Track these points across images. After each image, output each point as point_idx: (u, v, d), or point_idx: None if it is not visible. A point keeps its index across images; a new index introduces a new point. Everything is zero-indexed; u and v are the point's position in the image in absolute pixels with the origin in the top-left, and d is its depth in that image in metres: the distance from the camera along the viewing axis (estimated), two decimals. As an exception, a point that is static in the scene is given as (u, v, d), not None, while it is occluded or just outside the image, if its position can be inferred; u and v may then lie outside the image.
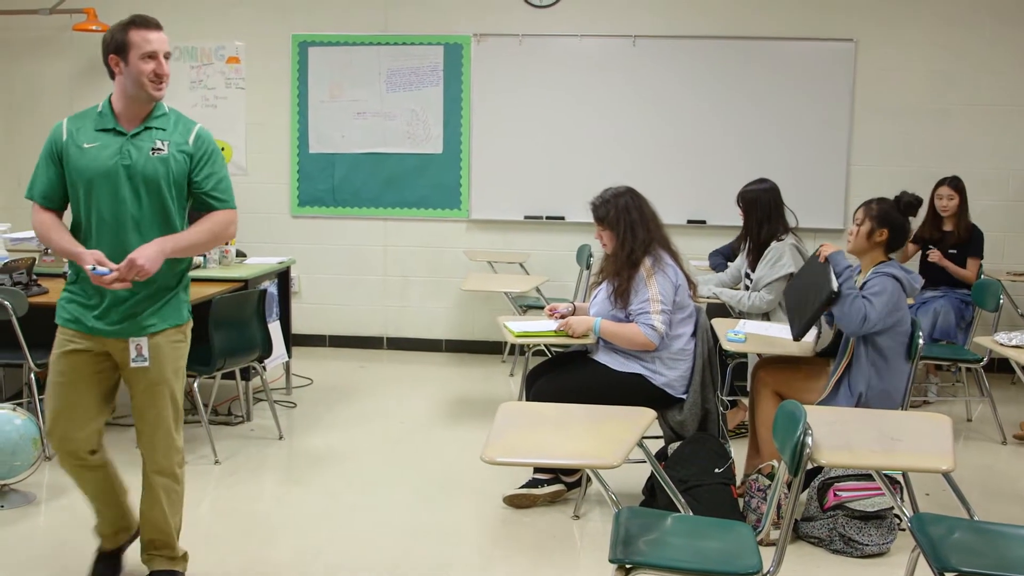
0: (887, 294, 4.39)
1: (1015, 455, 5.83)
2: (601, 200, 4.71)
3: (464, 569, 4.14)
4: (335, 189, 8.18)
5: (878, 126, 7.77)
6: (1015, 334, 4.84)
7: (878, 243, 4.58)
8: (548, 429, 3.37)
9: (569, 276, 7.76)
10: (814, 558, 4.31)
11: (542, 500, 4.78)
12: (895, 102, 7.74)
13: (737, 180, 6.11)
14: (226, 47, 8.18)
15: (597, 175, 7.01)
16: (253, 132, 8.23)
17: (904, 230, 4.62)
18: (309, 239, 8.25)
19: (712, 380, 4.68)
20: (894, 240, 4.60)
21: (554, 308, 5.00)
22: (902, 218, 4.60)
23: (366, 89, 8.04)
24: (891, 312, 4.40)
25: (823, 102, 7.75)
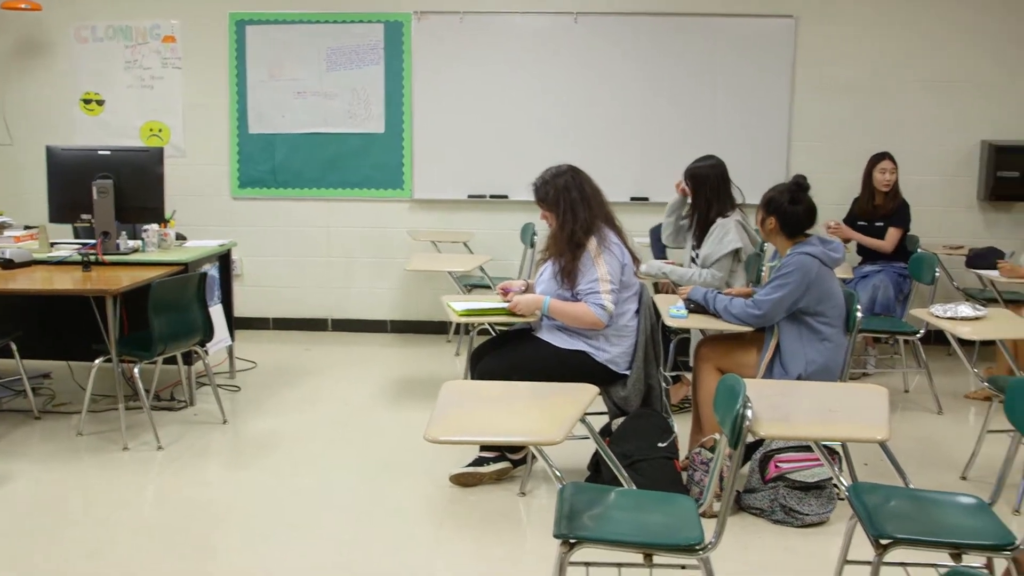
0: (794, 276, 4.48)
1: (951, 424, 5.95)
2: (542, 181, 4.71)
3: (411, 549, 4.15)
4: (276, 170, 8.11)
5: (818, 103, 7.84)
6: (949, 306, 4.93)
7: (772, 231, 4.66)
8: (491, 407, 3.38)
9: (513, 255, 7.77)
10: (756, 528, 4.37)
11: (488, 478, 4.80)
12: (835, 79, 7.82)
13: (680, 157, 6.16)
14: (161, 26, 8.06)
15: (541, 153, 7.04)
16: (191, 113, 8.13)
17: (791, 215, 4.63)
18: (251, 221, 8.19)
19: (655, 356, 4.73)
20: (786, 225, 4.65)
21: (507, 287, 4.97)
22: (787, 203, 4.63)
23: (306, 68, 7.97)
24: (809, 289, 4.49)
25: (764, 79, 7.81)
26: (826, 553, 3.84)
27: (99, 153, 6.12)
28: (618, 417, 4.65)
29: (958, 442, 5.44)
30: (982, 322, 4.83)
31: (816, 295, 4.51)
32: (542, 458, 3.37)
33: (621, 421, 4.60)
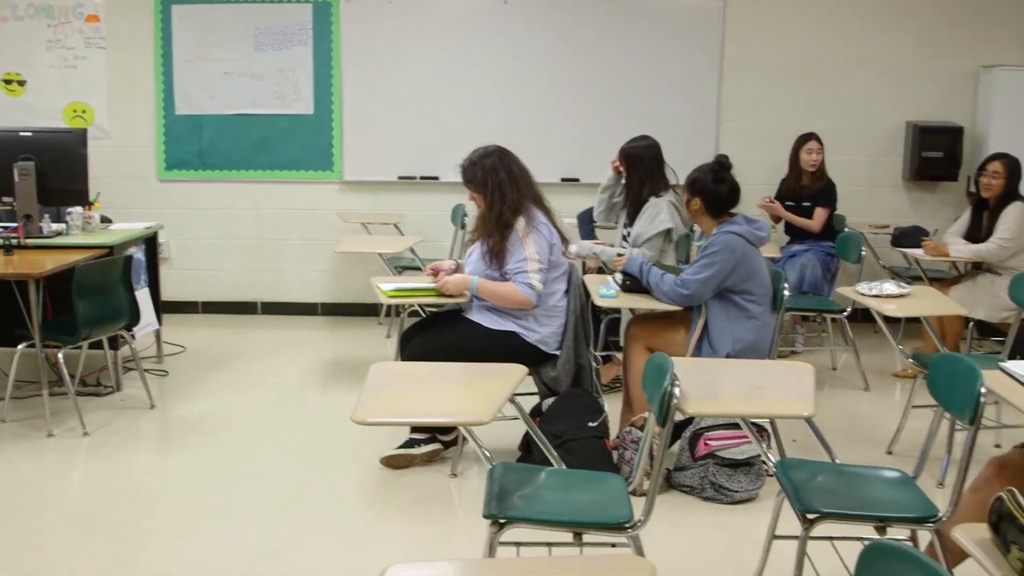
0: (720, 255, 4.53)
1: (877, 401, 6.04)
2: (469, 162, 4.69)
3: (343, 531, 4.13)
4: (203, 152, 7.98)
5: (747, 83, 7.90)
6: (875, 284, 4.99)
7: (697, 211, 4.71)
8: (420, 388, 3.36)
9: (444, 236, 7.74)
10: (686, 506, 4.41)
11: (419, 460, 4.78)
12: (763, 59, 7.88)
13: (610, 138, 6.16)
14: (84, 4, 7.88)
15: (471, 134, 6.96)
16: (116, 94, 7.96)
17: (715, 193, 4.68)
18: (178, 203, 8.05)
19: (585, 336, 4.73)
20: (711, 205, 4.70)
21: (437, 267, 4.94)
22: (710, 183, 4.68)
23: (233, 49, 7.85)
24: (735, 268, 4.54)
25: (693, 59, 7.84)
26: (755, 529, 3.88)
27: (20, 135, 5.99)
28: (548, 397, 4.66)
29: (884, 418, 5.53)
30: (906, 300, 4.90)
31: (742, 274, 4.55)
32: (471, 438, 3.36)
33: (551, 401, 4.61)
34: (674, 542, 4.05)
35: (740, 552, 3.93)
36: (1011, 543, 2.04)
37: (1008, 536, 2.06)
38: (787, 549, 3.24)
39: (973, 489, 3.16)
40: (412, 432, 4.83)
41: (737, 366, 4.00)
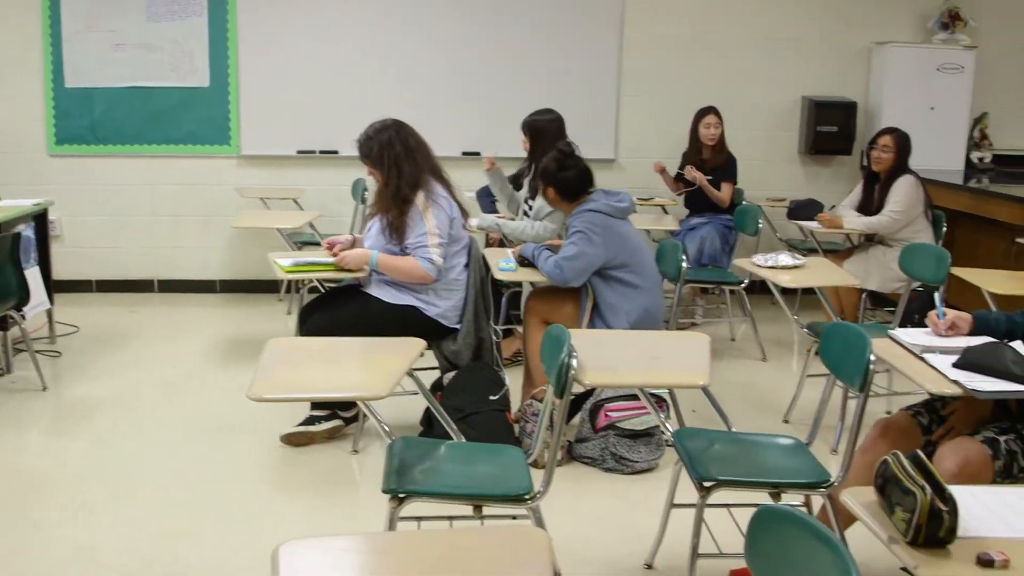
0: (582, 234, 4.63)
1: (774, 371, 6.16)
2: (365, 136, 4.63)
3: (242, 511, 4.07)
4: (95, 126, 7.76)
5: (647, 57, 7.95)
6: (770, 255, 5.07)
7: (554, 200, 4.84)
8: (317, 364, 3.32)
9: (345, 211, 7.65)
10: (588, 477, 4.44)
11: (320, 437, 4.74)
12: (662, 34, 7.94)
13: (511, 112, 6.16)
14: (-33, -26, 7.60)
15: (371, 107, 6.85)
16: (1, 66, 7.69)
17: (564, 179, 4.80)
18: (69, 179, 7.81)
19: (485, 310, 4.73)
20: (563, 192, 4.82)
21: (333, 241, 4.88)
22: (556, 171, 4.80)
23: (124, 19, 7.62)
24: (605, 243, 4.62)
25: (594, 33, 7.86)
26: (655, 498, 3.92)
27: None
28: (449, 371, 4.64)
29: (781, 387, 5.63)
30: (801, 271, 4.99)
31: (613, 247, 4.61)
32: (370, 413, 3.33)
33: (452, 375, 4.60)
34: (575, 513, 4.08)
35: (640, 521, 3.98)
36: (895, 504, 2.09)
37: (892, 498, 2.11)
38: (686, 517, 3.28)
39: (861, 451, 3.24)
40: (312, 409, 4.78)
41: (634, 337, 4.04)
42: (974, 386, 2.95)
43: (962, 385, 2.97)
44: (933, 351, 3.25)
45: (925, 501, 2.00)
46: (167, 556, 3.67)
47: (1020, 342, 3.26)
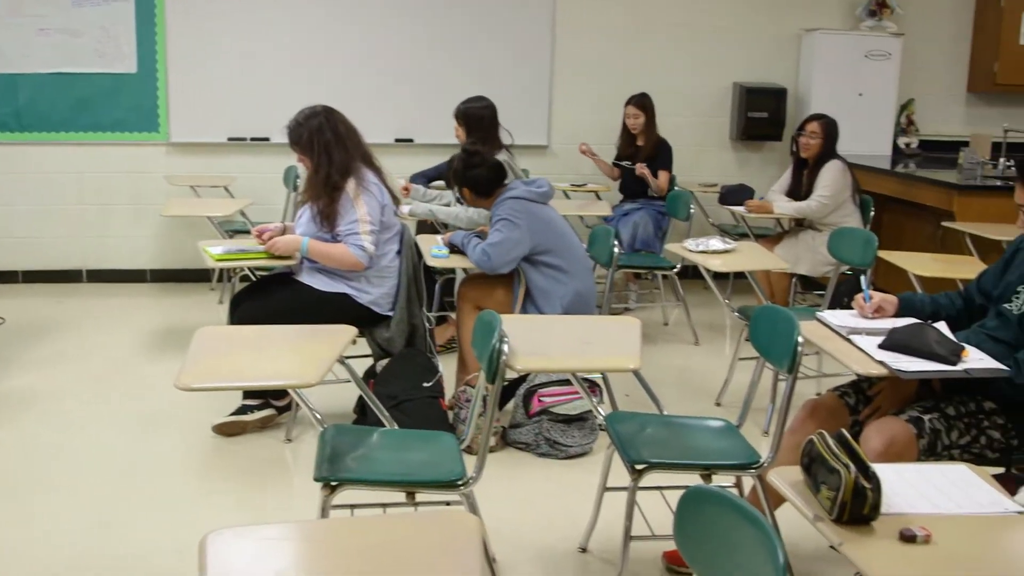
0: (505, 221, 4.65)
1: (707, 355, 6.21)
2: (295, 123, 4.58)
3: (174, 502, 4.02)
4: (20, 113, 7.59)
5: (579, 45, 7.96)
6: (701, 240, 5.12)
7: (472, 199, 4.91)
8: (247, 352, 3.29)
9: (277, 198, 7.57)
10: (522, 462, 4.46)
11: (252, 426, 4.70)
12: (594, 21, 7.95)
13: (444, 99, 6.14)
14: None
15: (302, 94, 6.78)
16: (-79, 52, 7.51)
17: (474, 177, 4.85)
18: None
19: (418, 296, 4.71)
20: (478, 189, 4.87)
21: (262, 229, 4.83)
22: (465, 171, 4.86)
23: (49, 3, 7.44)
24: (529, 227, 4.65)
25: (526, 21, 7.86)
26: (588, 482, 3.93)
27: None
28: (383, 359, 4.62)
29: (713, 371, 5.68)
30: (731, 255, 5.05)
31: (538, 232, 4.63)
32: (301, 401, 3.31)
33: (386, 362, 4.58)
34: (510, 498, 4.09)
35: (574, 505, 4.00)
36: (821, 483, 2.12)
37: (818, 476, 2.14)
38: (619, 500, 3.30)
39: (790, 432, 3.29)
40: (244, 398, 4.74)
41: (565, 322, 4.06)
42: (899, 366, 3.01)
43: (887, 366, 3.02)
44: (860, 333, 3.29)
45: (849, 479, 2.03)
46: (96, 549, 3.62)
47: (944, 323, 3.33)
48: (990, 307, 3.40)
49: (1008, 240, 3.48)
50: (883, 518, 2.08)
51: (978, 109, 8.68)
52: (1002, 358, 3.10)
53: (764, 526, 1.80)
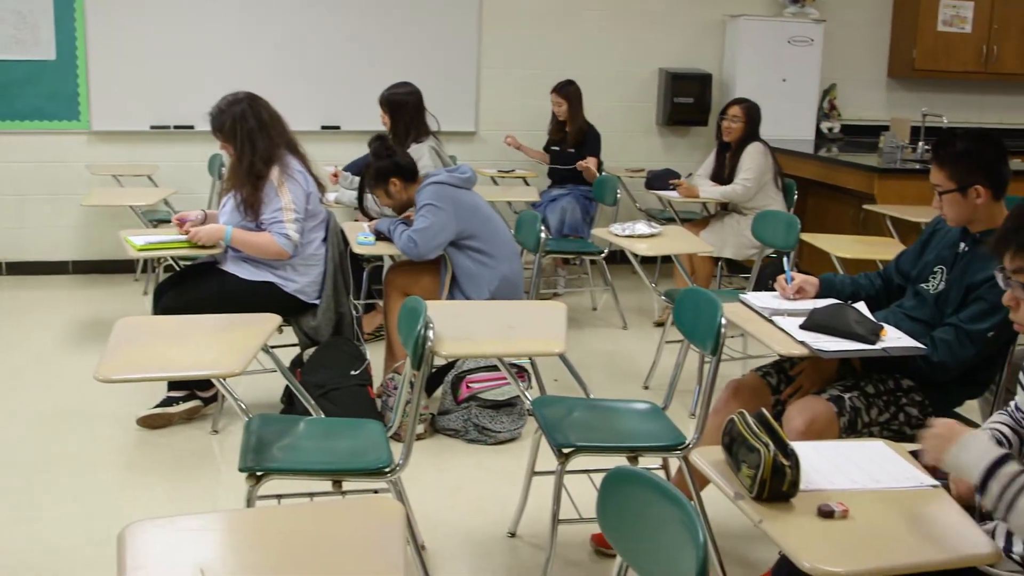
0: (430, 205, 4.63)
1: (635, 339, 6.26)
2: (217, 110, 4.51)
3: (98, 496, 3.96)
4: (-68, 102, 7.40)
5: (505, 31, 7.95)
6: (628, 224, 5.14)
7: (401, 189, 4.85)
8: (169, 342, 3.24)
9: (201, 187, 7.46)
10: (451, 449, 4.46)
11: (178, 418, 4.64)
12: (520, 7, 7.95)
13: (371, 86, 6.08)
14: None
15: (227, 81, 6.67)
16: None
17: (401, 165, 4.85)
18: (-94, 158, 7.45)
19: (345, 284, 4.68)
20: (406, 176, 4.85)
21: (183, 217, 4.76)
22: (391, 159, 4.85)
23: (-39, -11, 7.28)
24: (455, 212, 4.65)
25: (453, 7, 7.83)
26: (518, 467, 3.94)
27: None
28: (310, 347, 4.59)
29: (641, 354, 5.72)
30: (657, 239, 5.08)
31: (463, 217, 4.63)
32: (225, 391, 3.27)
33: (312, 351, 4.55)
34: (439, 485, 4.09)
35: (503, 490, 4.01)
36: (741, 462, 2.14)
37: (739, 455, 2.16)
38: (547, 484, 3.31)
39: (714, 413, 3.33)
40: (169, 390, 4.67)
41: (491, 307, 4.06)
42: (820, 346, 3.05)
43: (808, 346, 3.06)
44: (781, 314, 3.34)
45: (768, 457, 2.06)
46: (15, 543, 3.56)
47: (863, 303, 3.39)
48: (908, 287, 3.47)
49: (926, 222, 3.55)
50: (802, 495, 2.11)
51: (898, 94, 8.84)
52: (919, 337, 3.17)
53: (684, 505, 1.82)
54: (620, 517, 2.01)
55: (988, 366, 3.27)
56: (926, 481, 2.21)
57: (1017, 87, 8.99)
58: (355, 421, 3.42)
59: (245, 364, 2.94)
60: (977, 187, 3.15)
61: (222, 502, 3.93)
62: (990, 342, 3.13)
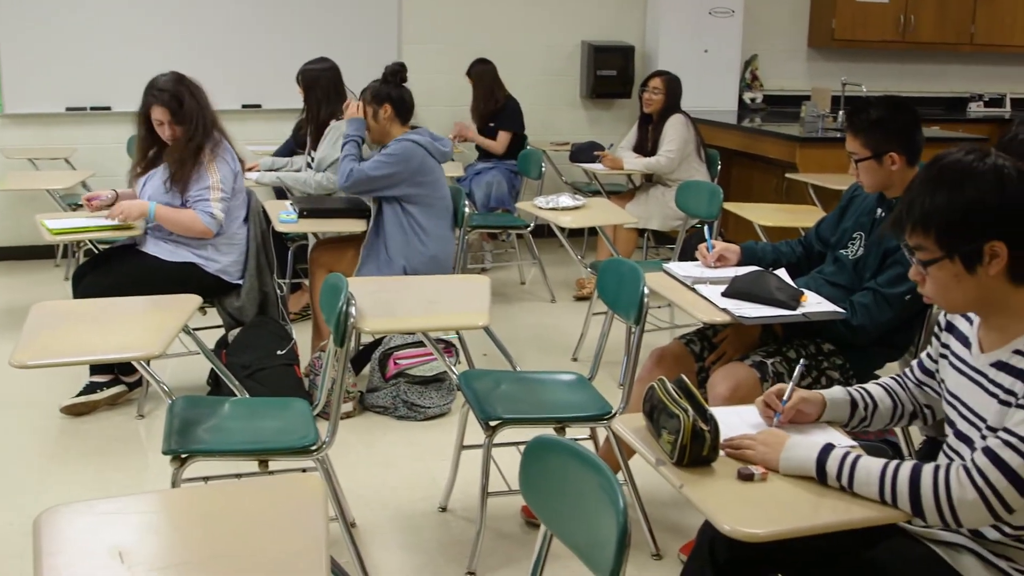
0: (396, 157, 4.58)
1: (563, 311, 6.28)
2: (166, 93, 4.37)
3: (23, 484, 3.88)
4: None
5: (427, 5, 7.89)
6: (551, 197, 5.15)
7: (388, 118, 4.73)
8: (87, 326, 3.19)
9: (120, 169, 7.23)
10: (380, 426, 4.44)
11: (103, 404, 4.57)
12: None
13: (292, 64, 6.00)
14: None
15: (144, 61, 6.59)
16: None
17: (402, 98, 4.76)
18: None
19: (268, 263, 4.64)
20: (400, 111, 4.75)
21: (93, 196, 4.68)
22: (397, 89, 4.75)
23: None
24: (411, 176, 4.60)
25: (372, -18, 7.77)
26: (448, 442, 3.94)
27: None
28: (235, 328, 4.54)
29: (570, 327, 5.74)
30: (581, 211, 5.10)
31: (419, 184, 4.61)
32: (147, 373, 3.22)
33: (237, 332, 4.50)
34: (369, 462, 4.08)
35: (434, 466, 4.02)
36: (662, 428, 2.16)
37: (660, 422, 2.18)
38: (478, 458, 3.31)
39: (639, 381, 3.36)
40: (92, 375, 4.60)
41: (415, 282, 4.05)
42: (741, 313, 3.09)
43: (730, 313, 3.10)
44: (704, 282, 3.38)
45: (688, 423, 2.08)
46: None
47: (784, 270, 3.44)
48: (828, 253, 3.52)
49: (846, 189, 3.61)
50: (722, 459, 2.14)
51: (818, 64, 8.94)
52: (839, 301, 3.22)
53: (603, 470, 1.83)
54: (542, 486, 2.02)
55: (906, 329, 3.34)
56: (844, 442, 2.25)
57: (933, 56, 9.15)
58: (281, 400, 3.40)
59: (165, 345, 2.91)
60: (892, 154, 3.20)
61: (149, 487, 3.88)
62: (907, 305, 3.19)
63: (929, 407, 2.40)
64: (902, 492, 1.98)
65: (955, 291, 2.06)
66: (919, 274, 2.09)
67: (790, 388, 2.34)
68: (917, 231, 2.04)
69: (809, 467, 2.08)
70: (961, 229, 2.00)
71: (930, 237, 2.03)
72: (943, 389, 2.26)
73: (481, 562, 3.30)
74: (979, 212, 1.98)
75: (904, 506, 1.98)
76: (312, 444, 2.98)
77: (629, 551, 1.76)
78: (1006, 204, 1.98)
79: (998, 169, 2.00)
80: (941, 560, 2.12)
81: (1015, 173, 2.00)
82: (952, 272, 2.03)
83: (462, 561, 3.34)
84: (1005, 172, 2.00)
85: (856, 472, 2.03)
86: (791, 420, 2.33)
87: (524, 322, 6.01)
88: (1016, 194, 1.99)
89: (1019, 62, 9.35)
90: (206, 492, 2.11)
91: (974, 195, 1.99)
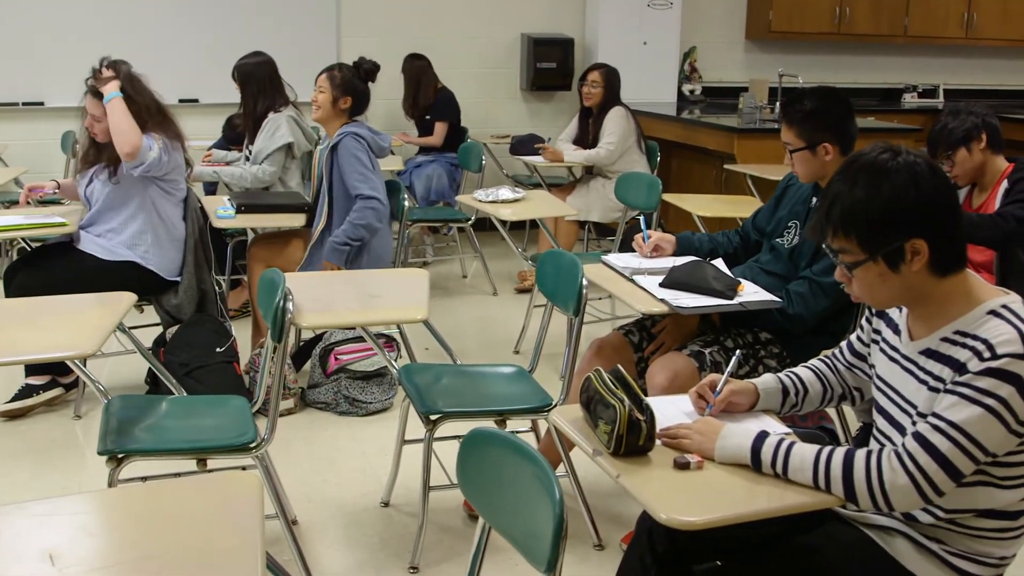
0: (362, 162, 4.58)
1: (505, 304, 6.28)
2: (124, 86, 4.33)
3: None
4: None
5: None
6: (491, 190, 5.14)
7: (343, 110, 4.72)
8: (17, 325, 3.13)
9: (54, 165, 7.20)
10: (322, 422, 4.42)
11: (39, 407, 4.49)
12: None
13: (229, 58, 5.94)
14: None
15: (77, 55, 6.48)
16: None
17: (365, 95, 4.80)
18: None
19: (207, 260, 4.58)
20: (357, 105, 4.76)
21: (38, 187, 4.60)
22: (363, 84, 4.77)
23: None
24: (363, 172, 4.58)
25: (310, -25, 7.71)
26: (390, 437, 3.93)
27: None
28: (172, 326, 4.48)
29: (512, 320, 5.74)
30: (521, 204, 5.09)
31: None
32: (81, 372, 3.18)
33: (175, 330, 4.45)
34: (311, 459, 4.06)
35: (376, 461, 4.01)
36: (599, 418, 2.17)
37: (596, 412, 2.19)
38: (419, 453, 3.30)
39: (578, 372, 3.37)
40: (28, 377, 4.51)
41: (353, 277, 4.03)
42: (679, 303, 3.12)
43: (668, 303, 3.12)
44: (642, 273, 3.40)
45: (624, 413, 2.09)
46: None
47: (721, 260, 3.47)
48: (764, 242, 3.56)
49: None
50: (658, 448, 2.15)
51: (756, 55, 9.03)
52: (775, 290, 3.25)
53: (539, 461, 1.84)
54: (479, 479, 2.02)
55: (842, 316, 3.38)
56: (779, 429, 2.27)
57: (868, 48, 9.28)
58: (219, 398, 3.36)
59: (99, 344, 2.87)
60: (826, 144, 3.23)
61: (87, 488, 3.82)
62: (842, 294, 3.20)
63: (859, 389, 2.44)
64: (835, 477, 2.01)
65: (881, 289, 2.08)
66: (845, 276, 2.12)
67: (723, 380, 2.36)
68: (839, 235, 2.06)
69: (744, 455, 2.10)
70: (881, 230, 2.01)
71: (852, 240, 2.04)
72: (873, 373, 2.29)
73: (424, 556, 3.30)
74: (896, 211, 2.00)
75: (838, 491, 2.01)
76: (250, 442, 2.96)
77: (567, 542, 1.77)
78: (921, 201, 2.00)
79: (911, 166, 2.02)
80: (875, 544, 2.15)
81: (927, 169, 2.02)
82: (876, 272, 2.05)
83: (405, 556, 3.33)
84: (918, 169, 2.02)
85: (790, 458, 2.06)
86: (724, 410, 2.35)
87: (466, 315, 6.00)
88: (930, 190, 2.01)
89: (952, 54, 9.51)
90: (140, 492, 2.08)
91: (890, 195, 2.00)
